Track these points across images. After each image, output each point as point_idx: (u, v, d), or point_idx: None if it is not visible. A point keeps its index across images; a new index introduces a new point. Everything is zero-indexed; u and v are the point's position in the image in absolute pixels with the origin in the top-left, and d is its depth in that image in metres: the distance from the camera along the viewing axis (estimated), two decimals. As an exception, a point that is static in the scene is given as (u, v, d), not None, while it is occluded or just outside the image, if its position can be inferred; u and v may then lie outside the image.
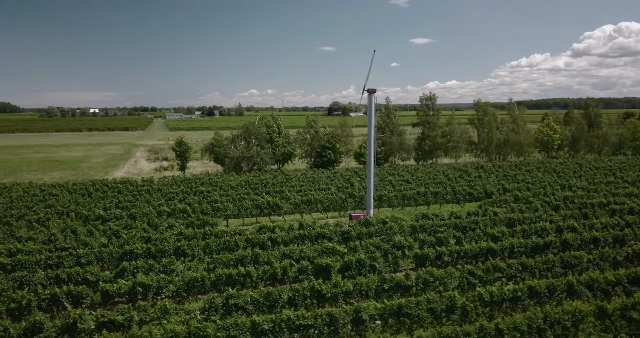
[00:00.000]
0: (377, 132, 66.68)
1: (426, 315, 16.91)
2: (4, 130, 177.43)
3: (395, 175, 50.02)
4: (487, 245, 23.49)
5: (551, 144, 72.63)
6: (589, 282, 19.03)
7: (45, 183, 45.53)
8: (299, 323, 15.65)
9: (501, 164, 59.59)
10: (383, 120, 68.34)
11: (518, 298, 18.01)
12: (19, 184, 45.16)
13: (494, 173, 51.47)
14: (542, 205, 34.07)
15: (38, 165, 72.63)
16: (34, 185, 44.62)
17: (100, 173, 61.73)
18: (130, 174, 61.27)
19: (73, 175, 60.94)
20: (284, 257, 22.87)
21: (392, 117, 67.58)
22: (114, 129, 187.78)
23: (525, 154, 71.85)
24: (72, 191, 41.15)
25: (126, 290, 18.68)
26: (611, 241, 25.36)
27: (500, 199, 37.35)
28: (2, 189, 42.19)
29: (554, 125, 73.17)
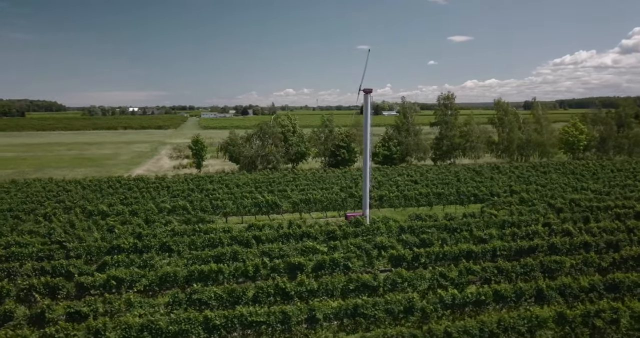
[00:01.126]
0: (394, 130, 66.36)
1: (383, 316, 16.93)
2: (46, 128, 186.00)
3: (404, 175, 49.62)
4: (467, 247, 23.16)
5: (576, 145, 70.19)
6: (561, 288, 18.55)
7: (64, 180, 47.61)
8: (251, 319, 15.99)
9: (519, 165, 58.09)
10: (399, 120, 67.80)
11: (482, 301, 17.76)
12: (40, 180, 47.42)
13: (507, 174, 50.29)
14: (545, 207, 33.18)
15: (67, 161, 75.88)
16: (53, 180, 46.75)
17: (122, 170, 63.93)
18: (149, 171, 63.19)
19: (97, 171, 63.37)
20: (262, 255, 23.26)
21: (409, 116, 66.94)
22: (147, 127, 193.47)
23: (548, 155, 69.68)
24: (86, 187, 42.91)
25: (100, 283, 19.51)
26: (603, 246, 24.50)
27: (505, 201, 36.56)
28: (22, 184, 44.44)
29: (580, 125, 70.66)
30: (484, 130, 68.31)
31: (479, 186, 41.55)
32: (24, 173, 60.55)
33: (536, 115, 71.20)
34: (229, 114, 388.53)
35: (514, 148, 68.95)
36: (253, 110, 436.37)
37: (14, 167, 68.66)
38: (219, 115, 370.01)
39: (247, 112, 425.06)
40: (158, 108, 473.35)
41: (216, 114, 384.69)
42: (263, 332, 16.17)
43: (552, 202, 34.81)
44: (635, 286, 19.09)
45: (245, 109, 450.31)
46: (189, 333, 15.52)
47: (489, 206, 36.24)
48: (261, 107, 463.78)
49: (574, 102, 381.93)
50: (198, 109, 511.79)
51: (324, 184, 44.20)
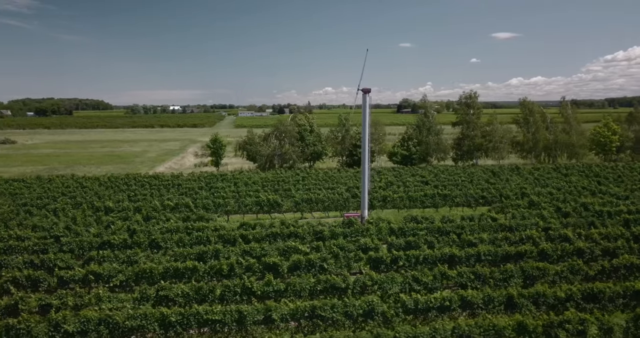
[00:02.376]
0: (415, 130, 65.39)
1: (341, 319, 16.81)
2: (87, 125, 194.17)
3: (416, 176, 48.85)
4: (450, 251, 22.61)
5: (608, 146, 67.05)
6: (534, 296, 17.84)
7: (84, 176, 49.57)
8: (207, 317, 16.23)
9: (541, 166, 56.03)
10: (419, 119, 66.76)
11: (447, 307, 17.33)
12: (62, 176, 49.59)
13: (525, 176, 48.62)
14: (551, 211, 31.93)
15: (97, 159, 78.95)
16: (74, 177, 48.78)
17: (145, 168, 65.95)
18: (171, 169, 64.89)
19: (122, 168, 65.63)
20: (244, 254, 23.52)
21: (429, 115, 65.79)
22: (183, 125, 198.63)
23: (577, 156, 66.86)
24: (102, 184, 44.54)
25: (80, 277, 20.26)
26: (599, 253, 23.37)
27: (513, 203, 35.43)
28: (45, 180, 46.61)
29: (613, 125, 67.45)
30: (508, 130, 66.25)
31: (489, 188, 40.39)
32: (54, 170, 63.46)
33: (565, 115, 68.42)
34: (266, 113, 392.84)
35: (540, 149, 66.54)
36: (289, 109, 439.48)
37: (47, 163, 72.09)
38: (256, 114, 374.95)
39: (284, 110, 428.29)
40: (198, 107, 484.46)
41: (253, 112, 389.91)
42: (219, 330, 16.39)
43: (560, 206, 33.45)
44: (617, 296, 18.13)
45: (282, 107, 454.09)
46: (145, 329, 15.92)
47: (495, 209, 35.29)
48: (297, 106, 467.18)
49: (626, 101, 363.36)
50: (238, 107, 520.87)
51: (331, 184, 44.13)
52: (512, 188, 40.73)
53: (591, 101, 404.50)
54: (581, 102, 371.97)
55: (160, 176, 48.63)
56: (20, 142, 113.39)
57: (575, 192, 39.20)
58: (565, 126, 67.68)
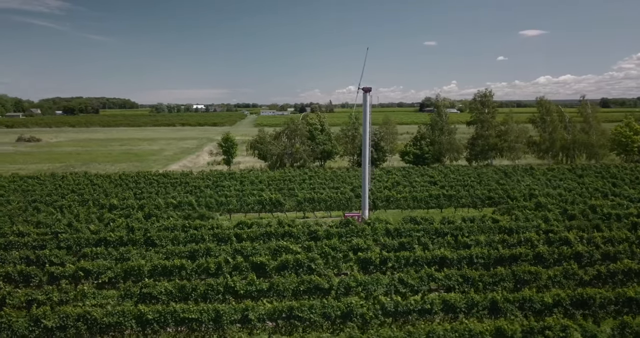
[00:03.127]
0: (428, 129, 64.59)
1: (319, 320, 16.67)
2: (111, 124, 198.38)
3: (425, 175, 48.23)
4: (442, 253, 22.21)
5: (630, 146, 64.92)
6: (520, 301, 17.35)
7: (96, 174, 50.58)
8: (183, 315, 16.31)
9: (556, 167, 54.62)
10: (432, 118, 65.89)
11: (427, 310, 17.01)
12: (75, 173, 50.70)
13: (538, 176, 47.47)
14: (556, 214, 31.07)
15: (115, 156, 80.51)
16: (87, 174, 49.81)
17: (159, 166, 66.93)
18: (184, 167, 65.67)
19: (136, 166, 66.76)
20: (235, 253, 23.58)
21: (443, 114, 64.85)
22: (203, 124, 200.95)
23: (596, 157, 64.94)
24: (113, 181, 45.34)
25: (70, 273, 20.63)
26: (598, 257, 22.61)
27: (519, 205, 34.62)
28: (58, 177, 47.73)
29: (635, 125, 65.26)
30: (524, 130, 64.78)
31: (496, 189, 39.56)
32: (70, 167, 64.98)
33: (584, 114, 66.53)
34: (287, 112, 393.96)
35: (557, 149, 64.90)
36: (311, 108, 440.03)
37: (65, 161, 73.88)
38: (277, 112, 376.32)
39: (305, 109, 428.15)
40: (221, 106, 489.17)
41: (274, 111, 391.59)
42: (196, 329, 16.45)
43: (568, 208, 32.53)
44: (608, 303, 17.49)
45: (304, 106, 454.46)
46: (122, 326, 16.10)
47: (500, 210, 34.57)
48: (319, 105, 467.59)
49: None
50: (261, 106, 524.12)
51: (336, 183, 43.95)
52: (521, 190, 39.80)
53: (622, 100, 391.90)
54: (612, 100, 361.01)
55: (169, 174, 49.26)
56: (44, 140, 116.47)
57: (586, 194, 38.08)
58: (585, 125, 65.81)
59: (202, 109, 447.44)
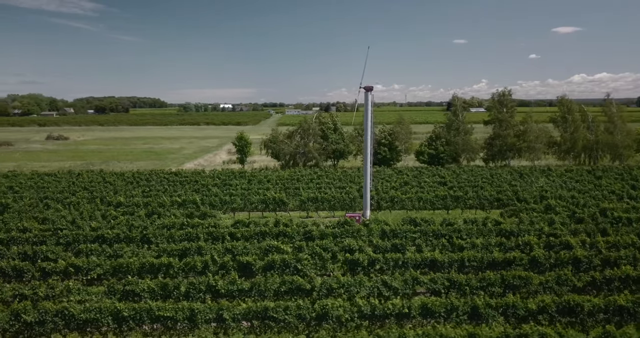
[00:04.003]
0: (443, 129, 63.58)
1: (294, 321, 16.53)
2: (138, 123, 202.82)
3: (436, 176, 47.42)
4: (432, 256, 21.73)
5: (657, 147, 62.39)
6: (503, 307, 16.79)
7: (110, 172, 51.72)
8: (159, 313, 16.43)
9: (574, 168, 52.85)
10: (449, 118, 64.76)
11: (405, 314, 16.64)
12: (92, 171, 51.96)
13: (553, 178, 46.05)
14: (563, 217, 30.05)
15: (135, 155, 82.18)
16: (102, 172, 50.98)
17: (175, 164, 67.97)
18: (199, 166, 66.51)
19: (154, 164, 67.97)
20: (226, 251, 23.66)
21: (459, 114, 63.65)
22: (228, 123, 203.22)
23: (621, 157, 62.58)
24: (125, 179, 46.24)
25: (61, 269, 21.09)
26: (597, 263, 21.71)
27: (527, 207, 33.64)
28: (74, 175, 49.00)
29: (663, 125, 62.63)
30: (544, 130, 62.95)
31: (505, 190, 38.54)
32: (90, 165, 66.67)
33: (608, 114, 64.18)
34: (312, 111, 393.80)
35: (579, 149, 62.83)
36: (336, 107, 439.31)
37: (87, 159, 75.85)
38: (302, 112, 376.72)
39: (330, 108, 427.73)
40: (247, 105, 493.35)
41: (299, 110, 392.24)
42: (171, 327, 16.54)
43: (577, 211, 31.42)
44: (598, 311, 16.74)
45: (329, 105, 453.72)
46: (99, 322, 16.33)
47: (507, 212, 33.68)
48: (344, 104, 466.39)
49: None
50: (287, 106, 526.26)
51: (344, 183, 43.67)
52: (532, 191, 38.67)
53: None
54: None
55: (180, 173, 49.93)
56: (72, 138, 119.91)
57: (600, 197, 36.69)
58: (609, 125, 63.50)
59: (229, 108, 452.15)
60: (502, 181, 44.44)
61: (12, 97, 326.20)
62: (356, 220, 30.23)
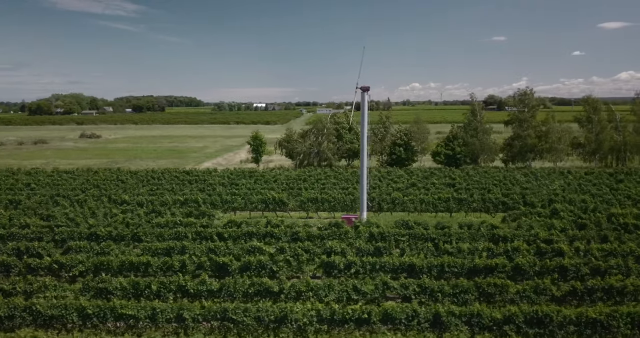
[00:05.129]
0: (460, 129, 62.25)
1: (253, 323, 16.53)
2: (170, 121, 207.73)
3: (446, 177, 46.42)
4: (410, 260, 21.27)
5: (691, 148, 59.03)
6: (467, 315, 16.27)
7: (127, 170, 53.15)
8: (121, 311, 16.75)
9: (595, 170, 50.65)
10: (467, 118, 63.28)
11: (365, 320, 16.35)
12: (109, 169, 53.55)
13: (569, 180, 44.27)
14: (565, 222, 28.84)
15: (159, 153, 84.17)
16: (118, 170, 52.45)
17: (194, 163, 69.20)
18: (217, 164, 67.45)
19: (173, 163, 69.39)
20: (209, 252, 23.89)
21: (478, 114, 62.08)
22: (257, 122, 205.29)
23: (650, 159, 59.62)
24: (139, 177, 47.40)
25: (46, 265, 21.82)
26: (586, 272, 20.72)
27: (532, 211, 32.50)
28: (91, 172, 50.63)
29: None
30: (567, 130, 60.59)
31: (513, 193, 37.32)
32: (114, 163, 68.69)
33: (638, 113, 61.17)
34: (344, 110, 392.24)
35: (605, 151, 60.18)
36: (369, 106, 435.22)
37: (112, 156, 78.23)
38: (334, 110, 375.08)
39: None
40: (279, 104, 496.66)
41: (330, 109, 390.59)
42: (133, 325, 16.84)
43: (583, 215, 30.10)
44: (569, 323, 15.97)
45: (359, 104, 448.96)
46: (65, 318, 16.79)
47: (511, 216, 32.63)
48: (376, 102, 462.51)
49: None
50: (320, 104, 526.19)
51: (351, 183, 43.36)
52: (542, 195, 37.30)
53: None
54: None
55: (192, 172, 50.79)
56: (104, 136, 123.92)
57: (614, 201, 35.01)
58: (638, 126, 60.54)
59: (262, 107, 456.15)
60: (515, 183, 43.05)
61: (55, 96, 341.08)
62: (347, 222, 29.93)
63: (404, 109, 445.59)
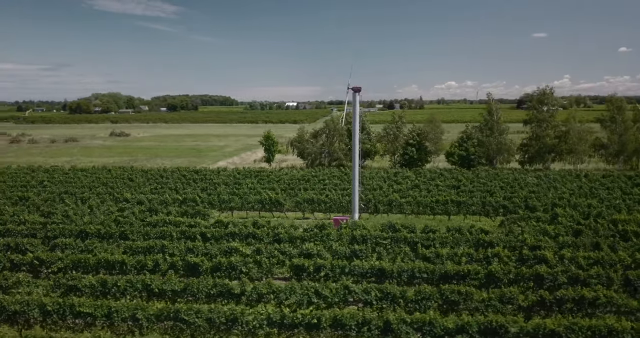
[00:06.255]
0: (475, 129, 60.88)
1: (204, 325, 16.62)
2: (199, 120, 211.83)
3: (452, 179, 45.40)
4: (380, 265, 20.91)
5: None
6: (419, 323, 15.84)
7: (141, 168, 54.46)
8: (79, 309, 17.16)
9: (613, 173, 48.42)
10: (483, 118, 61.64)
11: (315, 325, 16.17)
12: (122, 167, 55.01)
13: (583, 183, 42.50)
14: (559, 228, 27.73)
15: (179, 152, 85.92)
16: (132, 169, 53.79)
17: (211, 162, 70.27)
18: (231, 164, 68.27)
19: (190, 161, 70.69)
20: (187, 251, 24.20)
21: (494, 114, 60.37)
22: (285, 121, 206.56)
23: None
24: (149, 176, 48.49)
25: (28, 261, 22.60)
26: (564, 281, 19.83)
27: (532, 216, 31.40)
28: (105, 170, 52.16)
29: None
30: (588, 131, 58.15)
31: (512, 197, 36.15)
32: (134, 161, 70.55)
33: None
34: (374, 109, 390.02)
35: (629, 152, 57.48)
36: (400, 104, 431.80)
37: (133, 155, 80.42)
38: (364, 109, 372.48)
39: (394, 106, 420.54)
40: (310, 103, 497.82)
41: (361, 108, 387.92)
42: (90, 323, 17.22)
43: (582, 221, 28.85)
44: (526, 335, 15.31)
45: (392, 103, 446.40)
46: (27, 314, 17.34)
47: (509, 220, 31.64)
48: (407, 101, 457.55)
49: None
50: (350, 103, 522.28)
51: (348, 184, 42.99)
52: (549, 198, 35.96)
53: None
54: None
55: (201, 171, 51.59)
56: (133, 135, 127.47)
57: (622, 206, 33.37)
58: (666, 126, 57.58)
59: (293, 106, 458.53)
60: (523, 186, 41.68)
61: (95, 95, 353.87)
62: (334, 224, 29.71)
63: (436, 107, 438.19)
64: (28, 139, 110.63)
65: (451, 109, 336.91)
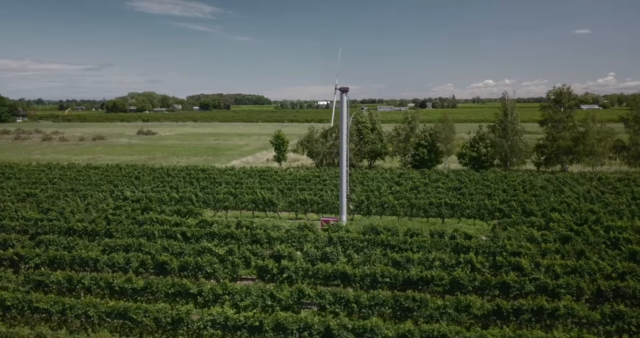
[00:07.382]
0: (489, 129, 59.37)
1: (151, 324, 16.84)
2: (228, 119, 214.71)
3: (454, 181, 44.36)
4: (343, 268, 20.64)
5: None
6: (360, 330, 15.56)
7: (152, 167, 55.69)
8: (36, 305, 17.68)
9: (630, 176, 46.16)
10: (498, 118, 59.94)
11: (257, 328, 16.13)
12: (133, 166, 56.37)
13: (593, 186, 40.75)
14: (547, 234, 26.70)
15: (198, 150, 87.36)
16: (143, 166, 55.06)
17: (225, 161, 71.17)
18: (245, 163, 68.88)
19: (205, 160, 71.83)
20: (163, 250, 24.57)
21: (509, 114, 58.59)
22: (310, 120, 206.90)
23: None
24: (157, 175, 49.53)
25: (8, 257, 23.46)
26: (531, 290, 19.07)
27: (526, 220, 30.39)
28: (116, 168, 53.60)
29: None
30: (608, 131, 55.62)
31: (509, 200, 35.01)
32: (151, 159, 72.24)
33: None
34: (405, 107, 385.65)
35: (652, 155, 54.71)
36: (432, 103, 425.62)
37: (152, 153, 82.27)
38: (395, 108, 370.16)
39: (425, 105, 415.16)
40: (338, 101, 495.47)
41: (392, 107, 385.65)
42: (46, 318, 17.72)
43: (575, 227, 27.68)
44: (468, 345, 14.80)
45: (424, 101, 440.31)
46: (-12, 308, 18.00)
47: (501, 225, 30.73)
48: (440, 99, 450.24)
49: None
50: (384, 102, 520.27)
51: (352, 185, 42.60)
52: (550, 202, 34.65)
53: None
54: None
55: (207, 169, 52.27)
56: (159, 133, 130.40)
57: (626, 212, 31.81)
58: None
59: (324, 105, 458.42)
60: (528, 189, 40.31)
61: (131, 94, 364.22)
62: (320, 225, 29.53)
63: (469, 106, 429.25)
64: (59, 136, 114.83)
65: (483, 108, 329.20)
